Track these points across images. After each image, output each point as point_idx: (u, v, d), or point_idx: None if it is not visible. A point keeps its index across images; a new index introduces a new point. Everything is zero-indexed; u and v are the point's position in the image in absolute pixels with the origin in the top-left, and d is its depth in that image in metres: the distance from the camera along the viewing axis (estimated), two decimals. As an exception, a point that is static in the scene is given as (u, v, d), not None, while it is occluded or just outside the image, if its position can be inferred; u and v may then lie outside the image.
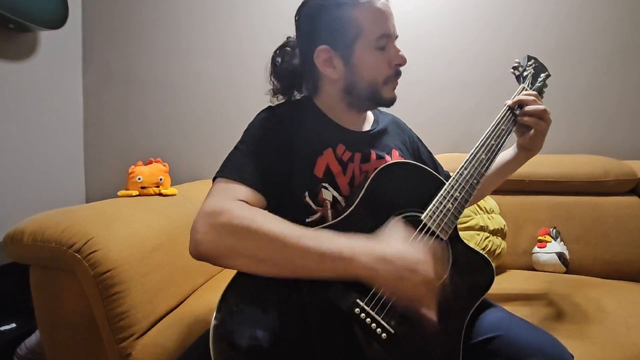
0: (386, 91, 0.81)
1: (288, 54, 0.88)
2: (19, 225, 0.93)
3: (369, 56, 0.78)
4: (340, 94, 0.82)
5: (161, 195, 1.31)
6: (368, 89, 0.80)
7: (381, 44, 0.77)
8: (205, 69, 1.79)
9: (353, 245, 0.61)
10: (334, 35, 0.77)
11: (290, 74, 0.88)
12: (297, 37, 0.85)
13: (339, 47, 0.78)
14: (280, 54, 0.88)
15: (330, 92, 0.84)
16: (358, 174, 0.80)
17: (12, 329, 1.31)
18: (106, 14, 1.81)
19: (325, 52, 0.78)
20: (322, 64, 0.80)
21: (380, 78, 0.79)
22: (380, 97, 0.81)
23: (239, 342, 0.56)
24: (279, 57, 0.88)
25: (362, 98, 0.82)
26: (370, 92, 0.80)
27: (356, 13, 0.76)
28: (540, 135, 0.84)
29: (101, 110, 1.85)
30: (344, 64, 0.79)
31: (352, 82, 0.80)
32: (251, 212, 0.64)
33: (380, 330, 0.62)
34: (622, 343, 0.87)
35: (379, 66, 0.79)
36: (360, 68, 0.78)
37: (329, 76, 0.81)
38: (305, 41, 0.83)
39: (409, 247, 0.62)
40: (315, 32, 0.79)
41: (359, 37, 0.76)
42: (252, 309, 0.60)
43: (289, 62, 0.87)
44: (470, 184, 0.74)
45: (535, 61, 0.95)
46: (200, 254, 0.63)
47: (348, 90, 0.81)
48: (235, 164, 0.72)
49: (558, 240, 1.33)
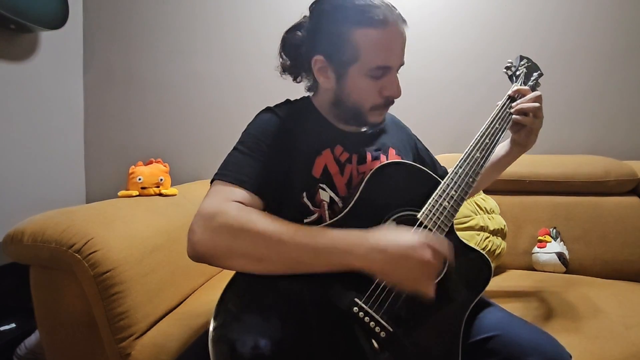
0: (372, 116, 0.80)
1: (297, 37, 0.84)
2: (19, 225, 0.94)
3: (361, 82, 0.75)
4: (330, 104, 0.82)
5: (161, 195, 1.32)
6: (353, 110, 0.79)
7: (376, 74, 0.74)
8: (206, 69, 1.79)
9: (347, 238, 0.62)
10: (332, 50, 0.75)
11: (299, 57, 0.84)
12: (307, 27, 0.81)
13: (334, 63, 0.76)
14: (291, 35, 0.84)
15: (324, 97, 0.84)
16: (355, 174, 0.80)
17: (12, 329, 1.32)
18: (107, 14, 1.82)
19: (321, 62, 0.77)
20: (317, 71, 0.79)
21: (367, 105, 0.78)
22: (364, 120, 0.80)
23: (238, 345, 0.57)
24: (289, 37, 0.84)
25: (347, 116, 0.81)
26: (354, 113, 0.79)
27: (357, 37, 0.72)
28: (534, 132, 0.85)
29: (102, 111, 1.85)
30: (335, 80, 0.78)
31: (340, 98, 0.79)
32: (247, 212, 0.64)
33: (379, 329, 0.62)
34: (620, 342, 0.87)
35: (368, 94, 0.76)
36: (350, 90, 0.77)
37: (322, 84, 0.80)
38: (309, 39, 0.80)
39: (403, 235, 0.63)
40: (318, 37, 0.77)
41: (355, 62, 0.74)
42: (251, 310, 0.60)
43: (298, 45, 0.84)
44: (466, 182, 0.75)
45: (527, 61, 0.95)
46: (197, 255, 0.63)
47: (336, 104, 0.81)
48: (233, 166, 0.72)
49: (558, 241, 1.33)
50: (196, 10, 1.79)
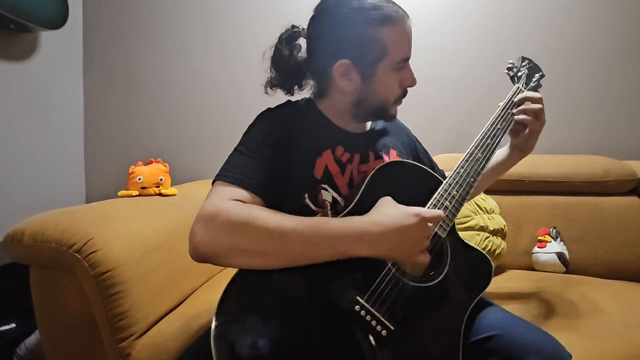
0: (393, 109, 0.83)
1: (297, 48, 0.84)
2: (19, 225, 0.94)
3: (389, 77, 0.78)
4: (349, 105, 0.81)
5: (161, 195, 1.32)
6: (379, 105, 0.81)
7: (400, 67, 0.78)
8: (206, 69, 1.79)
9: (349, 228, 0.64)
10: (359, 52, 0.75)
11: (296, 69, 0.84)
12: (311, 36, 0.81)
13: (361, 64, 0.76)
14: (289, 47, 0.84)
15: (339, 100, 0.82)
16: (357, 174, 0.80)
17: (12, 329, 1.32)
18: (107, 14, 1.82)
19: (345, 66, 0.76)
20: (339, 76, 0.78)
21: (392, 98, 0.81)
22: (387, 113, 0.83)
23: (239, 344, 0.57)
24: (286, 49, 0.83)
25: (369, 112, 0.82)
26: (378, 109, 0.81)
27: (384, 34, 0.74)
28: (534, 134, 0.85)
29: (102, 111, 1.85)
30: (361, 80, 0.78)
31: (365, 97, 0.79)
32: (247, 208, 0.65)
33: (380, 327, 0.62)
34: (621, 342, 0.87)
35: (393, 87, 0.80)
36: (378, 87, 0.78)
37: (343, 88, 0.79)
38: (322, 47, 0.79)
39: (401, 218, 0.64)
40: (338, 43, 0.76)
41: (384, 59, 0.76)
42: (252, 310, 0.60)
43: (296, 55, 0.84)
44: (467, 182, 0.75)
45: (529, 62, 0.96)
46: (200, 255, 0.63)
47: (358, 104, 0.81)
48: (233, 167, 0.72)
49: (558, 240, 1.33)
50: (196, 10, 1.79)
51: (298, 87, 0.87)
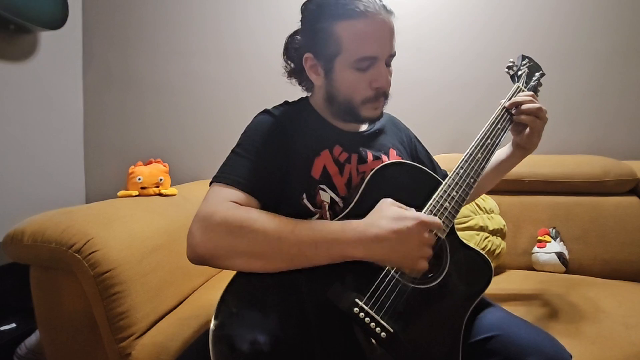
0: (365, 110, 0.79)
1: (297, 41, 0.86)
2: (19, 225, 0.94)
3: (347, 75, 0.76)
4: (323, 101, 0.83)
5: (161, 195, 1.32)
6: (345, 104, 0.79)
7: (362, 65, 0.74)
8: (205, 70, 1.79)
9: (346, 231, 0.63)
10: (318, 45, 0.77)
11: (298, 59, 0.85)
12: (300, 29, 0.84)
13: (321, 58, 0.78)
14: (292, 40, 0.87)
15: (318, 95, 0.85)
16: (355, 175, 0.80)
17: (12, 329, 1.31)
18: (106, 15, 1.82)
19: (311, 59, 0.79)
20: (308, 69, 0.81)
21: (357, 98, 0.78)
22: (358, 114, 0.80)
23: (238, 344, 0.57)
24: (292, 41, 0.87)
25: (341, 112, 0.81)
26: (347, 109, 0.80)
27: (339, 29, 0.73)
28: (536, 133, 0.84)
29: (101, 111, 1.85)
30: (324, 75, 0.79)
31: (332, 93, 0.80)
32: (244, 211, 0.65)
33: (379, 330, 0.62)
34: (620, 342, 0.87)
35: (357, 86, 0.77)
36: (338, 84, 0.78)
37: (314, 82, 0.82)
38: (299, 40, 0.84)
39: (398, 220, 0.64)
40: (305, 36, 0.81)
41: (339, 55, 0.75)
42: (251, 310, 0.60)
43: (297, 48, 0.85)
44: (467, 182, 0.75)
45: (529, 60, 0.95)
46: (198, 257, 0.63)
47: (329, 100, 0.82)
48: (230, 169, 0.72)
49: (558, 240, 1.33)
50: (195, 11, 1.79)
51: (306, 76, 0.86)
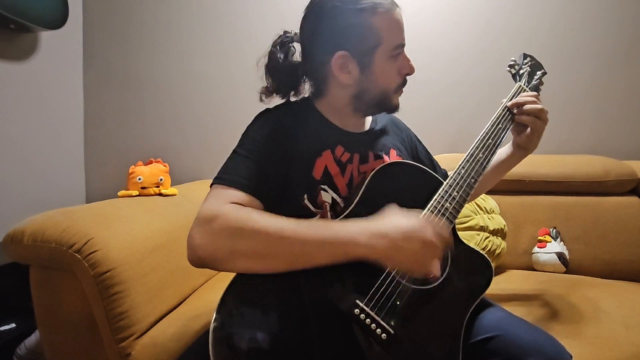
0: (395, 99, 0.83)
1: (291, 51, 0.86)
2: (19, 225, 0.94)
3: (386, 65, 0.78)
4: (350, 98, 0.82)
5: (161, 195, 1.32)
6: (380, 96, 0.80)
7: (396, 53, 0.78)
8: (206, 69, 1.79)
9: (348, 228, 0.63)
10: (354, 41, 0.76)
11: (291, 72, 0.85)
12: (304, 35, 0.82)
13: (358, 54, 0.77)
14: (283, 51, 0.85)
15: (338, 96, 0.83)
16: (357, 175, 0.80)
17: (12, 329, 1.31)
18: (106, 14, 1.82)
19: (343, 58, 0.77)
20: (337, 69, 0.78)
21: (392, 86, 0.80)
22: (389, 104, 0.82)
23: (238, 345, 0.56)
24: (280, 53, 0.85)
25: (371, 104, 0.82)
26: (380, 99, 0.81)
27: (376, 21, 0.75)
28: (536, 134, 0.84)
29: (101, 111, 1.85)
30: (360, 71, 0.78)
31: (366, 88, 0.80)
32: (246, 212, 0.64)
33: (380, 331, 0.62)
34: (620, 343, 0.87)
35: (391, 75, 0.80)
36: (377, 76, 0.79)
37: (343, 81, 0.79)
38: (317, 43, 0.80)
39: (403, 218, 0.63)
40: (333, 35, 0.77)
41: (379, 46, 0.76)
42: (252, 311, 0.60)
43: (287, 58, 0.85)
44: (468, 182, 0.75)
45: (531, 59, 0.95)
46: (199, 260, 0.63)
47: (359, 96, 0.81)
48: (231, 169, 0.72)
49: (558, 240, 1.33)
50: (195, 10, 1.79)
51: (294, 92, 0.88)
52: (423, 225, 0.63)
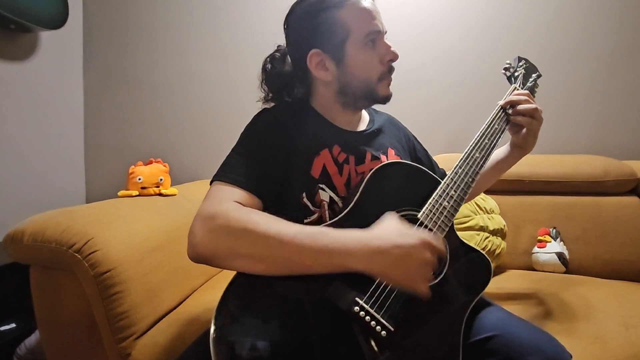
0: (381, 88, 0.82)
1: (278, 61, 0.89)
2: (19, 225, 0.94)
3: (360, 55, 0.78)
4: (335, 95, 0.83)
5: (161, 195, 1.32)
6: (363, 87, 0.81)
7: (368, 40, 0.78)
8: (205, 70, 1.79)
9: (348, 240, 0.62)
10: (323, 38, 0.78)
11: (280, 80, 0.89)
12: (287, 44, 0.87)
13: (330, 49, 0.79)
14: (271, 61, 0.90)
15: (325, 94, 0.84)
16: (354, 175, 0.80)
17: (12, 329, 1.31)
18: (106, 15, 1.82)
19: (317, 56, 0.79)
20: (315, 68, 0.80)
21: (373, 75, 0.80)
22: (375, 94, 0.82)
23: (238, 345, 0.56)
24: (269, 64, 0.90)
25: (357, 97, 0.82)
26: (365, 91, 0.81)
27: (342, 14, 0.77)
28: (532, 133, 0.85)
29: (101, 111, 1.85)
30: (336, 66, 0.80)
31: (346, 82, 0.80)
32: (246, 213, 0.65)
33: (379, 328, 0.62)
34: (621, 343, 0.87)
35: (371, 63, 0.79)
36: (353, 68, 0.79)
37: (322, 79, 0.82)
38: (295, 47, 0.84)
39: (402, 236, 0.63)
40: (305, 37, 0.81)
41: (348, 37, 0.77)
42: (252, 310, 0.60)
43: (279, 68, 0.89)
44: (465, 182, 0.75)
45: (526, 62, 0.96)
46: (198, 256, 0.63)
47: (342, 91, 0.82)
48: (232, 168, 0.72)
49: (558, 240, 1.33)
50: (195, 10, 1.79)
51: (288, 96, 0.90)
52: (422, 244, 0.62)
